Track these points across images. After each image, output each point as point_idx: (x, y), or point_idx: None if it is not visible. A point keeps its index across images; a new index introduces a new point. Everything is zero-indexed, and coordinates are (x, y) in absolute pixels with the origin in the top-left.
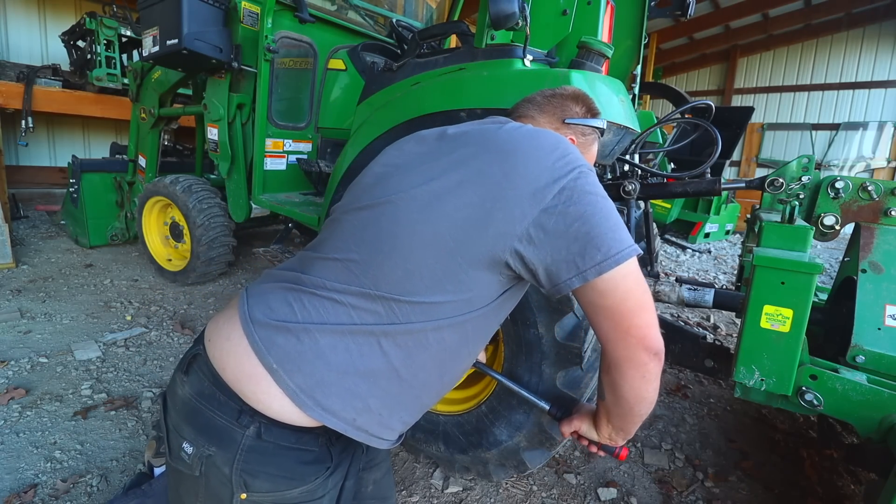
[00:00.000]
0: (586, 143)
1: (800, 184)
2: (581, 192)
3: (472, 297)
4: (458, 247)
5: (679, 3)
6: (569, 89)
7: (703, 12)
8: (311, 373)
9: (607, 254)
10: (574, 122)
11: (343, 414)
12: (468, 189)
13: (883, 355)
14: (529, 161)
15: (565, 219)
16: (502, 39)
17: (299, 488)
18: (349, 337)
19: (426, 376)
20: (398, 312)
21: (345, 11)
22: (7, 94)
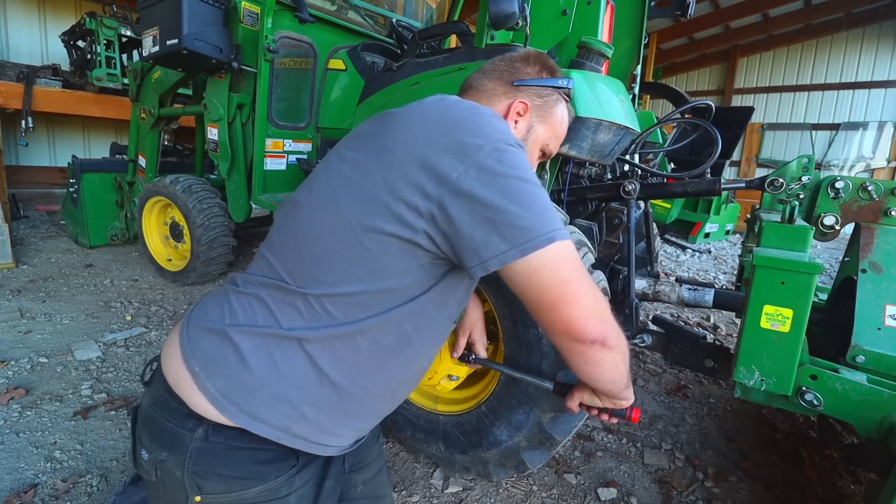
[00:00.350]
0: (545, 105)
1: (800, 184)
2: (490, 173)
3: (396, 287)
4: (360, 226)
5: (679, 3)
6: (521, 51)
7: (703, 12)
8: (232, 377)
9: (513, 243)
10: (524, 83)
11: (272, 421)
12: (368, 166)
13: (883, 355)
14: (432, 133)
15: (470, 202)
16: (502, 39)
17: (256, 488)
18: (272, 340)
19: (367, 382)
20: (318, 310)
21: (345, 11)
22: (7, 94)
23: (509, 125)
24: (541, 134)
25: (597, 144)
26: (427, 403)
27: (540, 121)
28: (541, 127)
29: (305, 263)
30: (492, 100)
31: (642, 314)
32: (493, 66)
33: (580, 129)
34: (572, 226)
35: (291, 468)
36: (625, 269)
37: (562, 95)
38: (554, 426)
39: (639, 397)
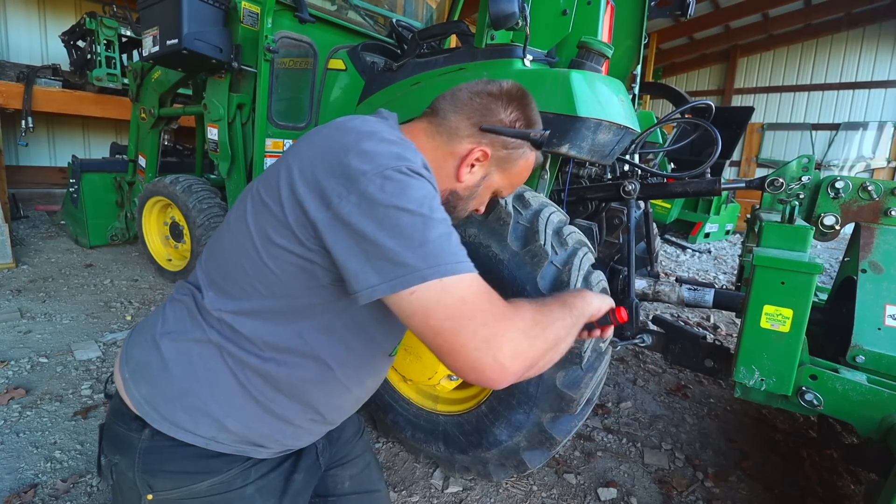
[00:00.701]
0: (508, 158)
1: (800, 184)
2: (370, 202)
3: (299, 307)
4: (260, 241)
5: (679, 3)
6: (507, 85)
7: (703, 12)
8: (154, 384)
9: (384, 278)
10: (493, 130)
11: (196, 430)
12: (272, 181)
13: (883, 355)
14: (325, 154)
15: (347, 230)
16: (502, 39)
17: (207, 481)
18: (194, 348)
19: (288, 405)
20: (229, 323)
21: (345, 11)
22: (7, 94)
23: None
24: (495, 181)
25: (597, 144)
26: (427, 403)
27: (498, 170)
28: (497, 175)
29: (217, 274)
30: (452, 138)
31: (642, 314)
32: (468, 97)
33: (580, 129)
34: (572, 226)
35: (246, 461)
36: (625, 269)
37: (532, 148)
38: (554, 426)
39: (639, 397)
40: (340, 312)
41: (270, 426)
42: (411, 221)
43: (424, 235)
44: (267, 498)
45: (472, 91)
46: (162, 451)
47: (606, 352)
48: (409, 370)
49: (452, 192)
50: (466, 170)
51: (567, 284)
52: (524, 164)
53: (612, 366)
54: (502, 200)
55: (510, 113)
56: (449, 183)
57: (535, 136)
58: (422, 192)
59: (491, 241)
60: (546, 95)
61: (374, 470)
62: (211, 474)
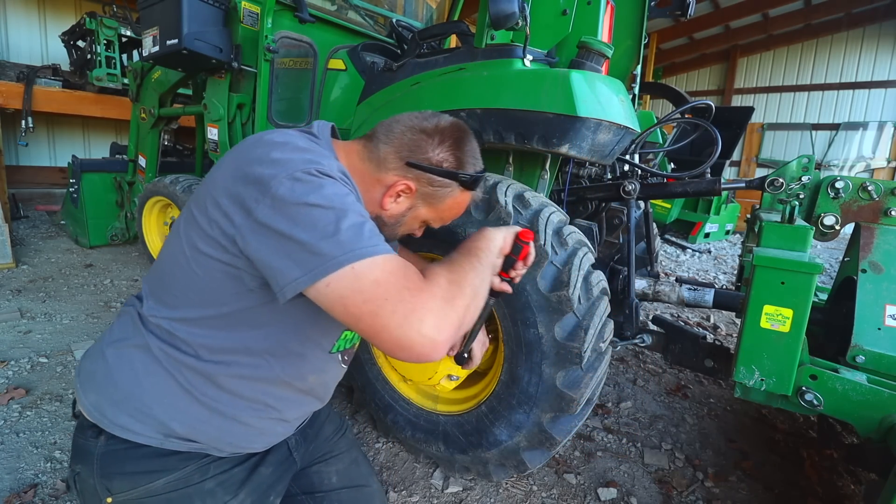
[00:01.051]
0: (434, 194)
1: (800, 184)
2: (283, 202)
3: (230, 313)
4: (189, 250)
5: (679, 3)
6: (444, 124)
7: (703, 12)
8: (101, 391)
9: (304, 270)
10: (416, 165)
11: (145, 432)
12: (199, 193)
13: (883, 355)
14: (241, 165)
15: (266, 232)
16: (502, 39)
17: (163, 479)
18: (135, 354)
19: (234, 404)
20: (167, 330)
21: (345, 11)
22: (7, 94)
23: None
24: (422, 213)
25: (597, 144)
26: (427, 403)
27: (425, 204)
28: (424, 209)
29: (156, 284)
30: (379, 167)
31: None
32: (401, 131)
33: (580, 129)
34: (572, 226)
35: (205, 457)
36: (625, 269)
37: (460, 188)
38: (554, 426)
39: (639, 397)
40: (271, 314)
41: (219, 427)
42: (322, 215)
43: (336, 226)
44: (228, 491)
45: (407, 125)
46: (117, 454)
47: (606, 352)
48: (409, 370)
49: (377, 217)
50: (390, 200)
51: (567, 284)
52: (452, 202)
53: (612, 366)
54: (502, 200)
55: (440, 152)
56: (374, 208)
57: (463, 178)
58: (332, 189)
59: None
60: (546, 95)
61: (362, 466)
62: (166, 472)
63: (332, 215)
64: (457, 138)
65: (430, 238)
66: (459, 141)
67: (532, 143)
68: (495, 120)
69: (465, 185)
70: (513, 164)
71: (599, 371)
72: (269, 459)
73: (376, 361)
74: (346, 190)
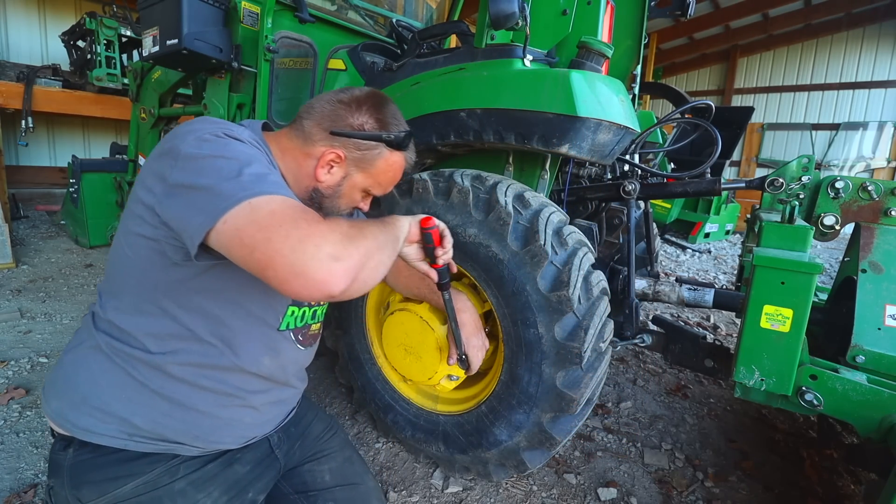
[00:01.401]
0: (364, 158)
1: (800, 184)
2: (188, 159)
3: (165, 290)
4: (123, 234)
5: (679, 3)
6: (359, 92)
7: (703, 12)
8: (62, 395)
9: (204, 212)
10: (340, 132)
11: (107, 433)
12: (137, 181)
13: (883, 355)
14: (163, 145)
15: (177, 190)
16: (502, 39)
17: (131, 483)
18: (90, 354)
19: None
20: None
21: (345, 11)
22: (7, 94)
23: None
24: (359, 181)
25: (597, 144)
26: (427, 403)
27: (358, 170)
28: (359, 175)
29: (106, 280)
30: (306, 143)
31: (642, 314)
32: (320, 105)
33: (580, 129)
34: (572, 226)
35: (174, 458)
36: (625, 269)
37: (387, 148)
38: (554, 426)
39: (639, 397)
40: (205, 292)
41: (182, 419)
42: (227, 164)
43: (239, 171)
44: (200, 488)
45: (326, 100)
46: (84, 463)
47: (606, 352)
48: (409, 370)
49: (315, 189)
50: (323, 170)
51: (567, 284)
52: (384, 164)
53: (612, 366)
54: (502, 200)
55: (359, 117)
56: (310, 181)
57: (388, 137)
58: (240, 147)
59: (491, 241)
60: (546, 95)
61: (356, 464)
62: (133, 476)
63: (235, 164)
64: (374, 102)
65: None
66: (378, 105)
67: (532, 143)
68: (495, 120)
69: (391, 144)
70: (513, 164)
71: (599, 371)
72: (246, 457)
73: (376, 361)
74: (257, 153)
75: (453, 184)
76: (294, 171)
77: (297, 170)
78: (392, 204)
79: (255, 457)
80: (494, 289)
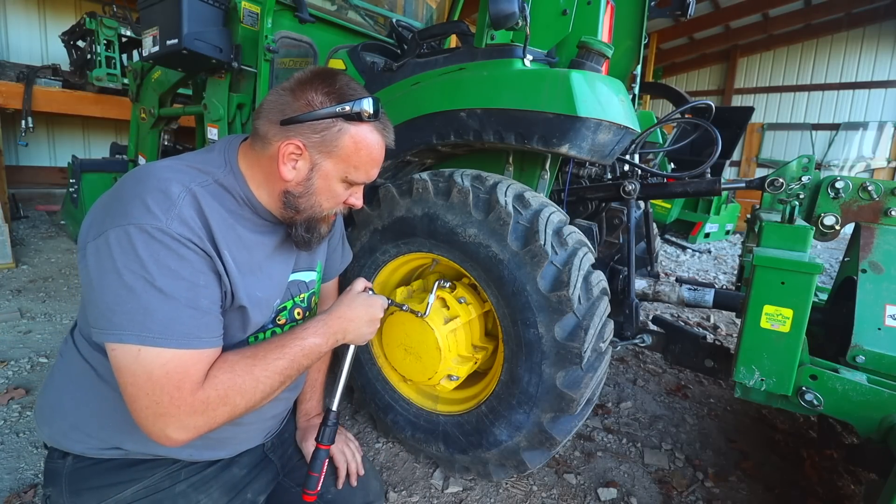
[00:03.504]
0: (325, 140)
1: (800, 184)
2: (88, 264)
3: None
4: None
5: (679, 3)
6: (300, 74)
7: (703, 12)
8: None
9: (100, 326)
10: (289, 120)
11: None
12: None
13: (883, 355)
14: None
15: (82, 284)
16: (502, 39)
17: (132, 488)
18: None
19: None
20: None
21: (345, 11)
22: (7, 94)
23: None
24: (330, 169)
25: (597, 144)
26: (427, 403)
27: (325, 156)
28: (328, 162)
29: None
30: (264, 143)
31: (642, 314)
32: (267, 100)
33: (580, 129)
34: (572, 226)
35: (174, 463)
36: (625, 269)
37: (351, 120)
38: (554, 426)
39: (639, 397)
40: None
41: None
42: (108, 286)
43: (146, 308)
44: (200, 490)
45: (271, 92)
46: (84, 470)
47: (606, 352)
48: (409, 370)
49: (285, 192)
50: (287, 167)
51: (567, 284)
52: (351, 142)
53: (612, 366)
54: (502, 200)
55: (306, 96)
56: (278, 185)
57: (343, 109)
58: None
59: (491, 241)
60: (546, 95)
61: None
62: (134, 482)
63: (119, 282)
64: (321, 77)
65: (430, 238)
66: (325, 78)
67: (532, 143)
68: (495, 120)
69: (351, 117)
70: (513, 164)
71: (599, 371)
72: (242, 461)
73: (376, 362)
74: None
75: (453, 184)
76: (262, 182)
77: (264, 180)
78: (392, 204)
79: (250, 461)
80: (494, 289)
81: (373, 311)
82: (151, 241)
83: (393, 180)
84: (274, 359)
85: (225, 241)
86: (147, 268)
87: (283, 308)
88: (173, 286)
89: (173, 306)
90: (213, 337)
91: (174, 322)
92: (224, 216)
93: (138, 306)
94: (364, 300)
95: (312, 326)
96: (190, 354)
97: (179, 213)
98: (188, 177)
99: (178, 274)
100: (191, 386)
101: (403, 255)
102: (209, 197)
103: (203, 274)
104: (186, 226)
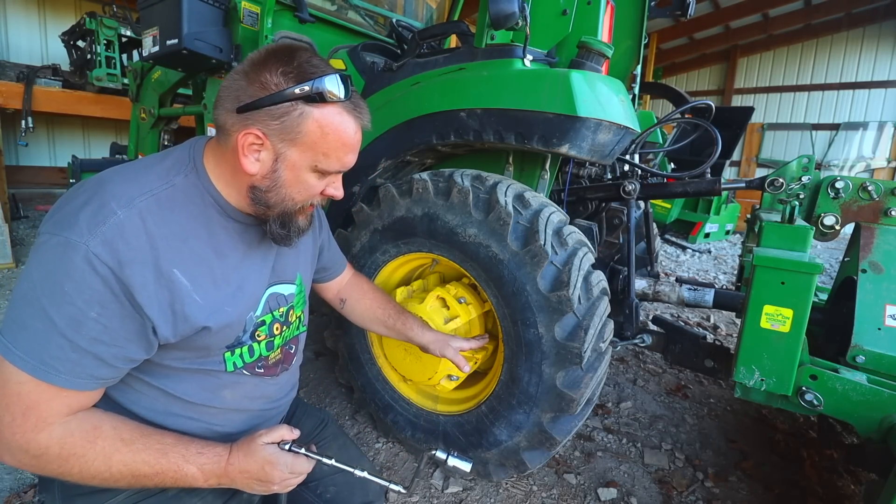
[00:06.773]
0: (285, 126)
1: (800, 184)
2: (26, 272)
3: None
4: None
5: (679, 3)
6: (260, 52)
7: (703, 12)
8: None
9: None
10: (243, 107)
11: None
12: None
13: (883, 355)
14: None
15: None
16: (502, 39)
17: (124, 493)
18: None
19: None
20: None
21: (345, 11)
22: (7, 94)
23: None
24: (296, 158)
25: (597, 144)
26: (427, 403)
27: (288, 145)
28: (293, 151)
29: None
30: (226, 136)
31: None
32: (222, 87)
33: (580, 129)
34: (572, 226)
35: None
36: (625, 269)
37: (313, 102)
38: (554, 426)
39: (639, 397)
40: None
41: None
42: (27, 302)
43: (29, 318)
44: (194, 493)
45: (226, 79)
46: None
47: (606, 352)
48: (409, 370)
49: (252, 187)
50: (249, 160)
51: (567, 284)
52: (316, 127)
53: (612, 366)
54: (502, 200)
55: (261, 78)
56: (244, 179)
57: (301, 90)
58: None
59: (491, 241)
60: (546, 95)
61: (351, 449)
62: (125, 488)
63: (41, 302)
64: (278, 56)
65: (430, 238)
66: (282, 56)
67: (532, 143)
68: (495, 120)
69: (312, 98)
70: (513, 164)
71: (599, 371)
72: None
73: (376, 362)
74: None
75: (453, 184)
76: (230, 179)
77: (231, 176)
78: (392, 204)
79: None
80: (494, 289)
81: (269, 474)
82: (61, 257)
83: (393, 180)
84: (142, 461)
85: (177, 258)
86: (43, 283)
87: (263, 322)
88: (57, 310)
89: (47, 329)
90: (76, 378)
91: (40, 347)
92: (178, 229)
93: (19, 318)
94: (267, 457)
95: (204, 457)
96: (46, 388)
97: (105, 233)
98: (141, 186)
99: (68, 298)
100: (36, 421)
101: (403, 255)
102: (164, 208)
103: (101, 306)
104: (109, 247)
